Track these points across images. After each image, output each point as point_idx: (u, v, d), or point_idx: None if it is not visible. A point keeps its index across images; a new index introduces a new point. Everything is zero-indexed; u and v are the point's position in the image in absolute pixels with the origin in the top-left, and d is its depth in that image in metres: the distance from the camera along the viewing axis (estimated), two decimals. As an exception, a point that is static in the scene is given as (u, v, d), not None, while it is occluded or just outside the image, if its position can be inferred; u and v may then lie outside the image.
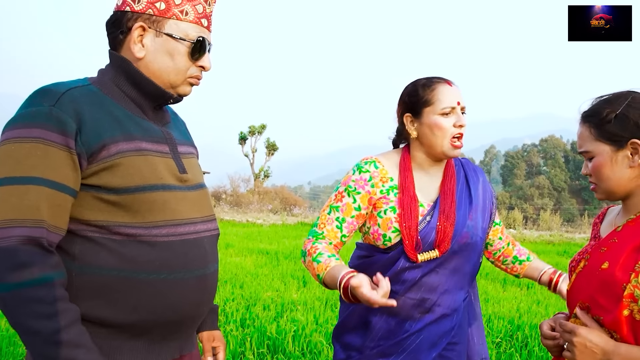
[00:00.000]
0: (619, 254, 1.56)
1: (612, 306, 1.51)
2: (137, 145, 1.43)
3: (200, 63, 1.54)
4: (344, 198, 2.00)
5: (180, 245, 1.46)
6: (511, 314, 5.99)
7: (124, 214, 1.38)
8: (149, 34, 1.47)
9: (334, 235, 1.99)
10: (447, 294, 1.99)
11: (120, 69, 1.50)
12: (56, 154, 1.30)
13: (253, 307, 5.80)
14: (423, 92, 1.96)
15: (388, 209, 1.97)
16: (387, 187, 1.99)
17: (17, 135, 1.30)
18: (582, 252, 1.74)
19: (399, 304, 1.91)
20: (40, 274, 1.26)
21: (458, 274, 2.01)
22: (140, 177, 1.40)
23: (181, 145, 1.61)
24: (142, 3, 1.46)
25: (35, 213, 1.27)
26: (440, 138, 1.93)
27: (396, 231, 1.95)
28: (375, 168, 2.01)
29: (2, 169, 1.29)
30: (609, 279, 1.53)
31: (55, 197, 1.30)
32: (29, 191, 1.27)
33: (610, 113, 1.59)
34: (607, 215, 1.84)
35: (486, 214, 2.10)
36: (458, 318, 2.04)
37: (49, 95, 1.35)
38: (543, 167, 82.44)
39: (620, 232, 1.63)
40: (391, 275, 1.91)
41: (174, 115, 1.75)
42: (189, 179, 1.55)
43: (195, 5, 1.50)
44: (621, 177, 1.61)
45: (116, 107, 1.46)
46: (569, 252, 13.33)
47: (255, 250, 10.84)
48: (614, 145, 1.60)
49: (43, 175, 1.29)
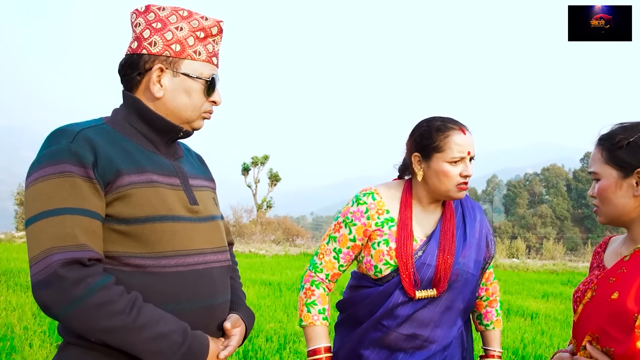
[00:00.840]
0: (629, 284, 1.55)
1: (623, 337, 1.51)
2: (148, 177, 1.48)
3: (213, 98, 1.63)
4: (342, 229, 2.07)
5: (188, 276, 1.49)
6: (515, 345, 5.94)
7: (134, 245, 1.43)
8: (167, 75, 1.56)
9: (332, 266, 2.08)
10: (439, 329, 2.01)
11: (132, 107, 1.58)
12: (82, 185, 1.37)
13: (256, 338, 5.76)
14: (436, 136, 1.97)
15: (381, 242, 2.01)
16: (383, 220, 2.04)
17: (44, 174, 1.37)
18: (587, 281, 1.73)
19: (390, 338, 1.97)
20: (95, 281, 1.32)
21: (450, 310, 2.03)
22: (150, 208, 1.45)
23: (194, 178, 1.67)
24: (158, 46, 1.55)
25: (74, 239, 1.33)
26: (445, 184, 1.97)
27: (387, 264, 1.99)
28: (372, 200, 2.06)
29: (36, 205, 1.36)
30: (620, 309, 1.53)
31: (90, 224, 1.37)
32: (65, 221, 1.34)
33: (623, 140, 1.61)
34: (609, 245, 1.84)
35: (481, 250, 2.11)
36: (449, 351, 2.06)
37: (66, 135, 1.43)
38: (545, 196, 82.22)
39: (628, 262, 1.62)
40: (385, 310, 1.97)
41: (187, 151, 1.81)
42: (200, 211, 1.59)
43: (206, 45, 1.60)
44: (624, 205, 1.63)
45: (128, 143, 1.53)
46: (572, 281, 13.23)
47: (257, 281, 10.79)
48: (622, 172, 1.61)
49: (75, 205, 1.36)
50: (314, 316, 2.04)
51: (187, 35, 1.57)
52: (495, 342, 2.21)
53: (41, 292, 1.30)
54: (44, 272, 1.30)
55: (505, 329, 6.96)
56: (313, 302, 2.07)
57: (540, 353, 5.58)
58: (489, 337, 2.23)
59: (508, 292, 11.12)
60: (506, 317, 8.16)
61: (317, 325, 2.04)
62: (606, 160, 1.65)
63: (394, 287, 1.97)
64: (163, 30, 1.56)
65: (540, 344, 6.15)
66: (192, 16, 1.59)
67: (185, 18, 1.58)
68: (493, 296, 2.26)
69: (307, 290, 2.09)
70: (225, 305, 1.62)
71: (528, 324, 7.63)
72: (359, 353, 2.04)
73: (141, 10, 1.60)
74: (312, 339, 2.03)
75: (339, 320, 2.20)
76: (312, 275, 2.11)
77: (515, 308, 8.84)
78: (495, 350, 2.20)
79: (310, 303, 2.06)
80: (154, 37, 1.55)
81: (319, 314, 2.05)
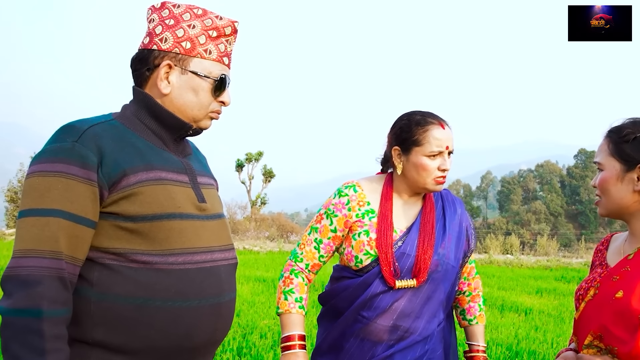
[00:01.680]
0: (634, 283, 1.55)
1: (627, 337, 1.50)
2: (156, 174, 1.48)
3: (221, 99, 1.62)
4: (323, 220, 2.11)
5: (196, 273, 1.49)
6: (509, 341, 5.95)
7: (141, 242, 1.43)
8: (175, 72, 1.55)
9: (312, 256, 2.11)
10: (420, 320, 2.01)
11: (142, 103, 1.57)
12: (76, 187, 1.37)
13: (250, 335, 5.75)
14: (416, 130, 2.01)
15: (362, 232, 2.04)
16: (363, 211, 2.07)
17: (41, 169, 1.38)
18: (590, 279, 1.73)
19: (371, 330, 1.99)
20: (49, 307, 1.30)
21: (431, 301, 2.03)
22: (158, 206, 1.45)
23: (201, 176, 1.66)
24: (169, 42, 1.54)
25: (53, 244, 1.34)
26: (424, 177, 2.00)
27: (367, 254, 2.01)
28: (354, 192, 2.10)
29: (27, 201, 1.37)
30: (624, 308, 1.53)
31: (73, 229, 1.36)
32: (49, 223, 1.34)
33: (630, 134, 1.62)
34: (612, 242, 1.83)
35: (461, 243, 2.14)
36: (431, 344, 2.06)
37: (73, 132, 1.42)
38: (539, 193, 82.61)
39: (633, 261, 1.62)
40: (363, 301, 1.98)
41: (196, 150, 1.81)
42: (208, 208, 1.59)
43: (217, 45, 1.59)
44: (623, 198, 1.64)
45: (138, 139, 1.52)
46: (566, 277, 13.28)
47: (252, 277, 10.78)
48: (625, 165, 1.63)
49: (63, 207, 1.35)
50: (290, 304, 2.05)
51: (199, 33, 1.56)
52: (479, 337, 2.22)
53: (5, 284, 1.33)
54: (11, 270, 1.32)
55: (499, 325, 6.97)
56: (291, 290, 2.08)
57: (534, 349, 5.59)
58: (472, 332, 2.23)
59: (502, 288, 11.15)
60: (500, 313, 8.18)
61: (292, 313, 2.04)
62: (611, 152, 1.66)
63: (374, 277, 1.99)
64: (175, 27, 1.55)
65: (534, 339, 6.16)
66: (206, 15, 1.58)
67: (199, 16, 1.57)
68: (475, 291, 2.26)
69: (286, 279, 2.10)
70: (231, 304, 1.61)
71: (522, 320, 7.65)
72: (341, 345, 2.05)
73: (157, 6, 1.59)
74: (287, 326, 2.03)
75: (321, 313, 2.22)
76: (292, 265, 2.13)
77: (509, 304, 8.86)
78: (479, 344, 2.20)
79: (288, 291, 2.08)
80: (165, 34, 1.55)
81: (295, 302, 2.06)
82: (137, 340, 1.41)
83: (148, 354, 1.43)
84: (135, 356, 1.42)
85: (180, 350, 1.47)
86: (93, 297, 1.39)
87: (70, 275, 1.36)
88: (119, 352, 1.41)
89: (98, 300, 1.39)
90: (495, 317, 7.69)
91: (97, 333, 1.39)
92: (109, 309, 1.39)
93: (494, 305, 8.77)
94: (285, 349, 2.00)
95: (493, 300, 9.06)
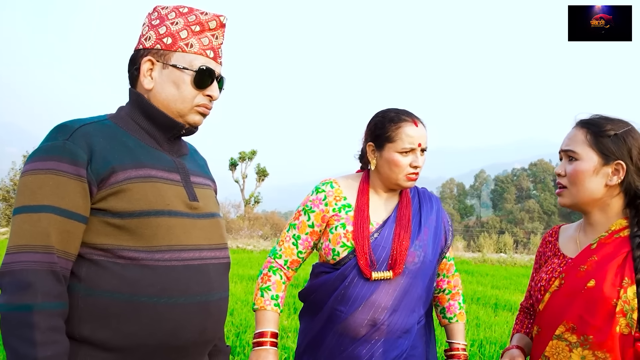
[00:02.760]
0: (604, 271, 1.60)
1: (603, 324, 1.56)
2: (146, 172, 1.50)
3: (207, 92, 1.62)
4: (301, 216, 2.14)
5: (182, 271, 1.48)
6: (503, 339, 5.96)
7: (129, 238, 1.43)
8: (157, 67, 1.58)
9: (290, 252, 2.14)
10: (397, 314, 2.01)
11: (135, 104, 1.61)
12: (67, 183, 1.40)
13: (243, 334, 5.74)
14: (389, 127, 2.04)
15: (339, 225, 2.07)
16: (340, 206, 2.11)
17: (34, 168, 1.41)
18: (550, 270, 1.78)
19: (349, 324, 2.00)
20: (43, 300, 1.32)
21: (408, 295, 2.03)
22: (145, 203, 1.45)
23: (196, 176, 1.67)
24: (151, 40, 1.58)
25: (45, 239, 1.36)
26: (396, 173, 2.04)
27: (344, 246, 2.04)
28: (330, 188, 2.14)
29: (20, 198, 1.40)
30: (598, 296, 1.58)
31: (64, 224, 1.39)
32: (41, 219, 1.37)
33: (611, 130, 1.67)
34: (561, 233, 1.91)
35: (437, 237, 2.15)
36: (412, 341, 2.06)
37: (64, 131, 1.45)
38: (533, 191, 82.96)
39: (597, 250, 1.67)
40: (340, 294, 2.01)
41: (194, 152, 1.82)
42: (200, 207, 1.60)
43: (201, 39, 1.60)
44: (594, 190, 1.69)
45: (130, 138, 1.55)
46: (560, 276, 13.30)
47: (245, 276, 10.77)
48: (603, 159, 1.67)
49: (54, 203, 1.38)
50: (266, 301, 2.07)
51: (181, 28, 1.58)
52: (459, 335, 2.22)
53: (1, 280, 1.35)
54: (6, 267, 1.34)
55: (493, 323, 6.99)
56: (267, 287, 2.10)
57: (527, 347, 5.59)
58: (452, 330, 2.23)
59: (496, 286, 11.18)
60: (494, 312, 8.20)
61: (267, 310, 2.06)
62: (590, 144, 1.69)
63: (350, 270, 2.01)
64: (159, 25, 1.59)
65: (527, 338, 6.16)
66: (191, 12, 1.61)
67: (184, 14, 1.60)
68: (455, 289, 2.27)
69: (264, 276, 2.13)
70: (222, 303, 1.60)
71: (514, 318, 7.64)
72: (321, 341, 2.07)
73: (150, 12, 1.64)
74: (260, 323, 2.05)
75: (302, 310, 2.23)
76: (270, 262, 2.16)
77: (503, 302, 8.89)
78: (459, 343, 2.20)
79: (265, 288, 2.10)
80: (149, 33, 1.59)
81: (271, 300, 2.08)
82: (123, 336, 1.40)
83: (135, 351, 1.42)
84: (122, 353, 1.42)
85: (168, 349, 1.46)
86: (81, 293, 1.40)
87: (63, 269, 1.38)
88: (105, 349, 1.41)
89: (85, 295, 1.40)
90: (488, 316, 7.70)
91: (85, 329, 1.40)
92: (95, 305, 1.40)
93: (487, 304, 8.79)
94: (257, 344, 2.03)
95: (487, 299, 9.08)
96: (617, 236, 1.67)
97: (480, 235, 32.20)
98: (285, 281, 2.14)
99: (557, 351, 1.66)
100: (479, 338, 5.87)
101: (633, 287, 1.55)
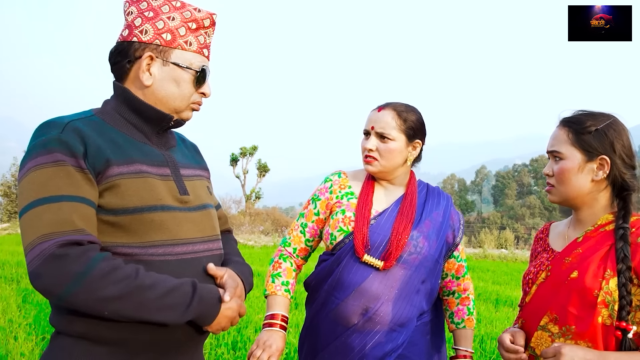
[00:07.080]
0: (587, 262, 1.64)
1: (585, 314, 1.59)
2: (137, 168, 1.48)
3: (202, 90, 1.64)
4: (309, 205, 2.23)
5: (176, 265, 1.49)
6: (504, 335, 5.95)
7: (122, 235, 1.43)
8: (157, 63, 1.56)
9: (299, 240, 2.22)
10: (390, 304, 2.00)
11: (122, 98, 1.58)
12: (75, 173, 1.37)
13: (245, 329, 5.74)
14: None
15: (339, 211, 2.13)
16: (343, 193, 2.18)
17: (37, 163, 1.37)
18: (539, 264, 1.82)
19: (342, 310, 2.02)
20: (94, 254, 1.31)
21: (406, 287, 2.02)
22: (138, 199, 1.44)
23: (186, 168, 1.66)
24: (149, 34, 1.55)
25: (73, 225, 1.32)
26: (362, 154, 2.14)
27: (340, 230, 2.09)
28: (338, 177, 2.24)
29: (30, 194, 1.34)
30: (580, 287, 1.61)
31: (86, 211, 1.37)
32: (62, 207, 1.33)
33: (592, 126, 1.70)
34: (552, 230, 1.94)
35: (442, 234, 2.13)
36: (408, 336, 2.04)
37: (55, 125, 1.42)
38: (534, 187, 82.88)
39: (582, 243, 1.71)
40: (334, 279, 2.04)
41: (182, 141, 1.81)
42: (190, 201, 1.59)
43: (197, 37, 1.61)
44: (581, 187, 1.71)
45: (117, 134, 1.52)
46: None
47: (246, 272, 10.73)
48: (586, 156, 1.70)
49: (71, 192, 1.35)
50: (276, 286, 2.13)
51: (179, 25, 1.57)
52: (466, 342, 2.19)
53: (41, 277, 1.28)
54: (41, 257, 1.27)
55: (493, 319, 6.99)
56: (278, 273, 2.16)
57: (528, 343, 5.60)
58: (459, 336, 2.22)
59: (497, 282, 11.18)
60: (495, 307, 8.21)
61: (278, 295, 2.12)
62: (573, 142, 1.72)
63: (345, 254, 2.04)
64: (155, 19, 1.56)
65: (528, 334, 6.16)
66: (184, 7, 1.60)
67: (178, 9, 1.59)
68: (465, 293, 2.24)
69: (275, 263, 2.20)
70: None
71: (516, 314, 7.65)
72: (317, 326, 2.10)
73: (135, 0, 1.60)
74: (271, 306, 2.10)
75: (306, 299, 2.26)
76: (281, 250, 2.23)
77: (504, 298, 8.89)
78: (466, 350, 2.18)
79: (276, 274, 2.16)
80: (145, 26, 1.55)
81: (281, 285, 2.14)
82: (118, 331, 1.40)
83: (131, 345, 1.43)
84: (118, 347, 1.42)
85: (164, 342, 1.47)
86: None
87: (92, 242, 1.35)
88: (102, 343, 1.41)
89: None
90: (489, 312, 7.71)
91: (81, 325, 1.39)
92: None
93: (488, 300, 8.80)
94: (267, 325, 2.06)
95: (487, 295, 9.09)
96: (602, 230, 1.70)
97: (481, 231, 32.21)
98: (296, 269, 2.19)
99: (540, 342, 1.70)
100: (480, 334, 5.87)
101: (615, 279, 1.58)
